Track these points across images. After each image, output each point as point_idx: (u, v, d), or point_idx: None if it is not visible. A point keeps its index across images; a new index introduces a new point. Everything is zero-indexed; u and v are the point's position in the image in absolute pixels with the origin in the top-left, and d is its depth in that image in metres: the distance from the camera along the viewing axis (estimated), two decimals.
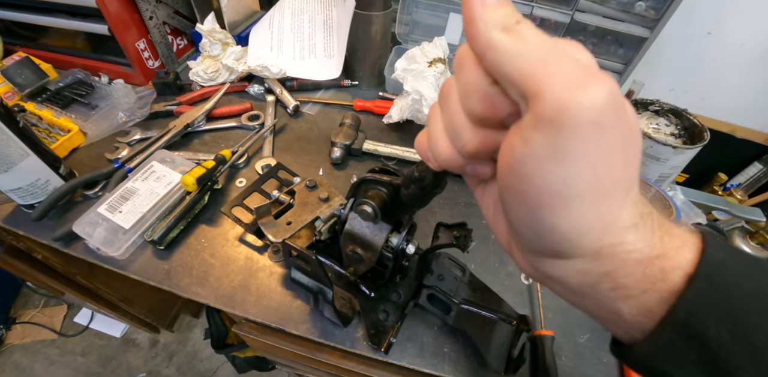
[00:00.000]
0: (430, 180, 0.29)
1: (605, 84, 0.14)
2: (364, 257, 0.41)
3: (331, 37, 0.84)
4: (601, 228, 0.17)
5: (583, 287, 0.20)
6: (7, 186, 0.56)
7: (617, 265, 0.18)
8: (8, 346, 1.45)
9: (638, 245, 0.18)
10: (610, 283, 0.19)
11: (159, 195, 0.57)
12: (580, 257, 0.18)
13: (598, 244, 0.18)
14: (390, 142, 0.70)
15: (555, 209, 0.17)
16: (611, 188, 0.16)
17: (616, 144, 0.16)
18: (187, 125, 0.70)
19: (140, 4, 0.75)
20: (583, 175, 0.16)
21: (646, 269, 0.18)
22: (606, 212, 0.17)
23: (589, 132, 0.15)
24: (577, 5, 0.79)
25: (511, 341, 0.46)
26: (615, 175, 0.16)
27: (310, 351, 0.54)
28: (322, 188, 0.49)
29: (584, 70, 0.15)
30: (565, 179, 0.16)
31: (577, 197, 0.16)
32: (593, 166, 0.15)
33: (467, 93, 0.18)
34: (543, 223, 0.17)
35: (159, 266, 0.53)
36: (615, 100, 0.15)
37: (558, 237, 0.18)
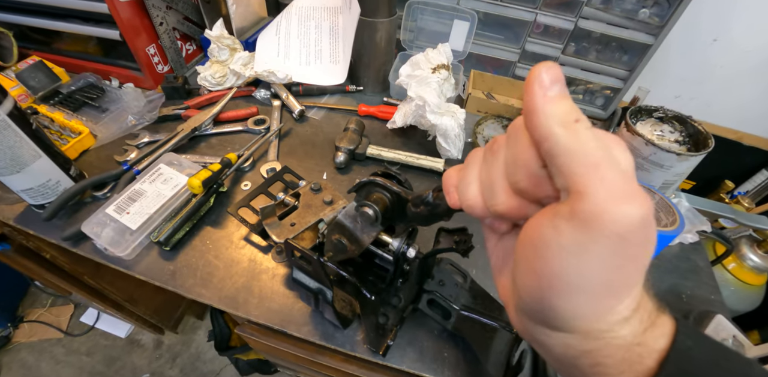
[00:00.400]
0: (443, 209, 0.29)
1: (643, 205, 0.16)
2: (348, 248, 0.41)
3: (336, 44, 0.85)
4: (595, 316, 0.19)
5: (566, 357, 0.21)
6: (19, 186, 0.57)
7: (600, 346, 0.19)
8: (15, 344, 1.47)
9: (624, 334, 0.19)
10: (590, 360, 0.20)
11: (166, 197, 0.59)
12: (570, 333, 0.20)
13: (590, 327, 0.19)
14: (394, 147, 0.71)
15: (562, 293, 0.18)
16: (617, 288, 0.18)
17: (634, 255, 0.17)
18: (195, 128, 0.71)
19: (151, 11, 0.77)
20: (596, 274, 0.17)
21: (626, 354, 0.19)
22: (604, 304, 0.19)
23: (615, 242, 0.16)
24: (581, 12, 0.80)
25: (510, 348, 0.46)
26: (624, 278, 0.18)
27: (311, 354, 0.55)
28: (326, 191, 0.50)
29: (630, 187, 0.16)
30: (579, 273, 0.17)
31: (584, 289, 0.18)
32: (608, 269, 0.17)
33: (516, 165, 0.20)
34: (547, 300, 0.19)
35: (164, 266, 0.54)
36: (645, 221, 0.16)
37: (556, 315, 0.19)
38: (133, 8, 0.74)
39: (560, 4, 0.80)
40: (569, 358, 0.21)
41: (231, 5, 0.82)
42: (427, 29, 0.87)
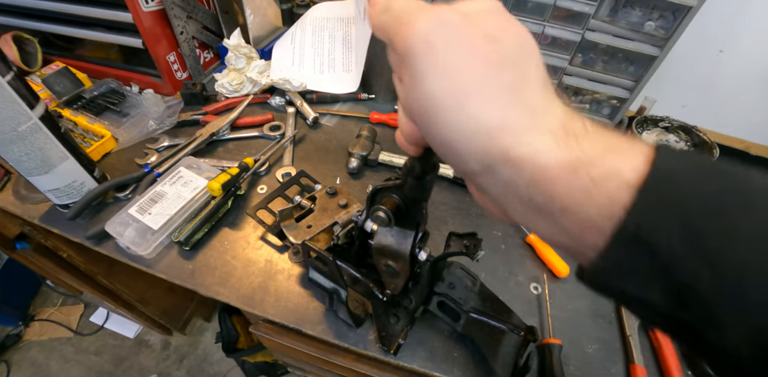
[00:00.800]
0: (419, 167, 0.31)
1: (432, 13, 0.19)
2: (397, 268, 0.42)
3: (349, 53, 0.88)
4: (484, 130, 0.18)
5: (522, 203, 0.19)
6: (46, 186, 0.59)
7: (535, 170, 0.18)
8: (26, 342, 1.49)
9: (548, 147, 0.18)
10: (541, 195, 0.18)
11: (186, 199, 0.61)
12: (492, 163, 0.19)
13: (495, 146, 0.18)
14: (404, 154, 0.73)
15: (434, 122, 0.19)
16: (474, 91, 0.18)
17: (459, 54, 0.18)
18: (213, 133, 0.73)
19: (173, 20, 0.80)
20: (438, 86, 0.18)
21: (572, 177, 0.17)
22: (481, 114, 0.18)
23: (424, 51, 0.18)
24: (587, 25, 0.82)
25: (518, 350, 0.47)
26: (471, 78, 0.18)
27: (323, 353, 0.56)
28: (341, 195, 0.52)
29: (416, 8, 0.19)
30: (428, 94, 0.19)
31: (442, 106, 0.18)
32: (441, 76, 0.18)
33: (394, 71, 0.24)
34: (438, 138, 0.20)
35: (184, 265, 0.56)
36: (442, 21, 0.18)
37: (452, 147, 0.19)
38: (156, 18, 0.78)
39: (567, 16, 0.82)
40: (524, 200, 0.19)
41: (249, 15, 0.85)
42: None
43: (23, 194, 0.68)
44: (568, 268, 0.58)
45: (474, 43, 0.18)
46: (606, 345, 0.52)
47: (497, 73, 0.18)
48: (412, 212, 0.41)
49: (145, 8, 0.74)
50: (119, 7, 0.74)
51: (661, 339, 0.53)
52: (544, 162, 0.18)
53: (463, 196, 0.68)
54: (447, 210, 0.66)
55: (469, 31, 0.18)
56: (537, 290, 0.57)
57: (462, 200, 0.68)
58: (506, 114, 0.18)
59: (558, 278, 0.59)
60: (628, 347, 0.52)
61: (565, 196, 0.18)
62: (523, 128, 0.18)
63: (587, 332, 0.53)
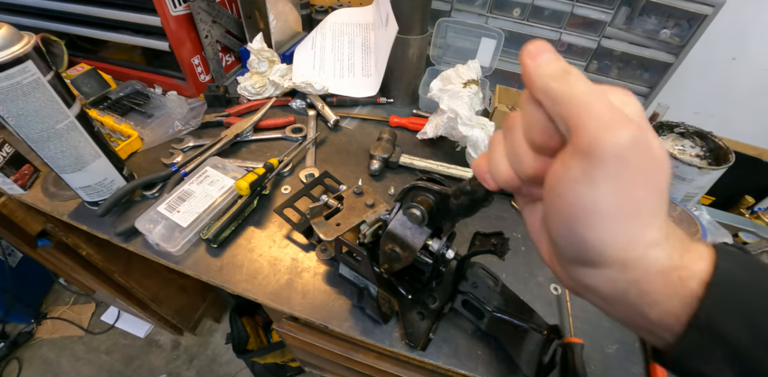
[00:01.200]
0: (481, 194, 0.32)
1: (631, 128, 0.18)
2: (402, 256, 0.44)
3: (369, 58, 0.90)
4: (623, 242, 0.20)
5: (614, 294, 0.22)
6: (78, 184, 0.61)
7: (641, 274, 0.21)
8: (37, 340, 1.50)
9: (660, 258, 0.21)
10: (636, 290, 0.21)
11: (213, 198, 0.62)
12: (608, 266, 0.21)
13: (623, 255, 0.21)
14: (424, 156, 0.74)
15: (584, 222, 0.20)
16: (632, 209, 0.20)
17: (638, 175, 0.19)
18: (237, 134, 0.75)
19: (198, 25, 0.82)
20: (607, 196, 0.19)
21: (666, 279, 0.21)
22: (628, 229, 0.20)
23: (613, 164, 0.19)
24: (603, 32, 0.83)
25: (542, 348, 0.48)
26: (636, 199, 0.20)
27: (346, 351, 0.57)
28: (368, 195, 0.53)
29: (618, 115, 0.19)
30: (592, 199, 0.20)
31: (601, 213, 0.20)
32: (618, 192, 0.19)
33: (530, 126, 0.23)
34: (575, 234, 0.21)
35: (212, 263, 0.58)
36: (638, 142, 0.19)
37: (587, 246, 0.21)
38: (183, 22, 0.80)
39: (584, 24, 0.84)
40: (618, 294, 0.22)
41: (272, 21, 0.87)
42: (455, 46, 0.91)
43: (52, 191, 0.70)
44: None
45: (652, 171, 0.20)
46: (626, 345, 0.53)
47: (655, 201, 0.20)
48: (441, 218, 0.42)
49: (173, 12, 0.76)
50: (148, 11, 0.76)
51: None
52: (653, 269, 0.21)
53: None
54: None
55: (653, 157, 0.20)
56: (557, 290, 0.58)
57: None
58: (644, 232, 0.21)
59: None
60: (648, 348, 0.53)
61: (657, 292, 0.21)
62: (650, 244, 0.21)
63: (607, 332, 0.54)
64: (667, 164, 0.21)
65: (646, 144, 0.19)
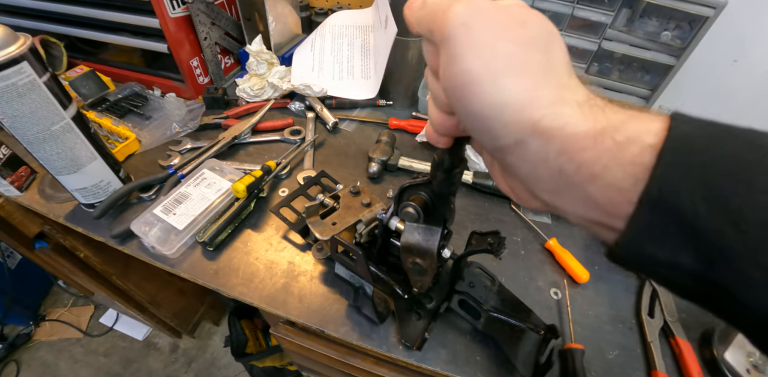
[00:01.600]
0: (448, 160, 0.32)
1: (460, 3, 0.21)
2: (425, 266, 0.43)
3: (368, 60, 0.90)
4: (516, 103, 0.19)
5: (551, 174, 0.20)
6: (74, 186, 0.61)
7: (564, 140, 0.19)
8: (35, 342, 1.50)
9: (575, 116, 0.19)
10: (570, 163, 0.19)
11: (210, 200, 0.62)
12: (523, 137, 0.20)
13: (526, 118, 0.19)
14: (423, 159, 0.74)
15: (468, 95, 0.21)
16: (505, 66, 0.20)
17: (494, 33, 0.20)
18: (235, 136, 0.75)
19: (197, 26, 0.82)
20: (474, 63, 0.20)
21: (599, 143, 0.18)
22: (514, 86, 0.19)
23: (461, 32, 0.20)
24: (604, 34, 0.83)
25: (539, 349, 0.47)
26: (504, 56, 0.20)
27: (343, 356, 0.57)
28: (364, 194, 0.53)
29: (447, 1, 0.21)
30: (464, 71, 0.20)
31: (477, 80, 0.20)
32: (478, 54, 0.20)
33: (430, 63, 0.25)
34: (471, 111, 0.21)
35: (208, 266, 0.57)
36: (476, 6, 0.21)
37: (485, 119, 0.21)
38: (181, 24, 0.80)
39: (584, 26, 0.83)
40: (554, 174, 0.20)
41: (271, 23, 0.87)
42: None
43: (48, 193, 0.69)
44: (587, 274, 0.58)
45: (506, 26, 0.20)
46: (627, 351, 0.52)
47: (528, 53, 0.20)
48: (439, 208, 0.41)
49: (172, 14, 0.76)
50: (147, 13, 0.76)
51: (682, 345, 0.53)
52: (573, 131, 0.19)
53: (482, 201, 0.69)
54: (466, 215, 0.66)
55: (501, 16, 0.20)
56: (557, 295, 0.57)
57: (481, 205, 0.68)
58: (537, 89, 0.20)
59: (578, 284, 0.59)
60: (650, 353, 0.52)
61: (592, 162, 0.18)
62: (552, 101, 0.19)
63: (608, 338, 0.53)
64: (533, 18, 0.21)
65: (486, 4, 0.21)
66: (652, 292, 0.59)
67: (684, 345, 0.53)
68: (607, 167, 0.18)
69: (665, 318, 0.56)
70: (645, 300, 0.57)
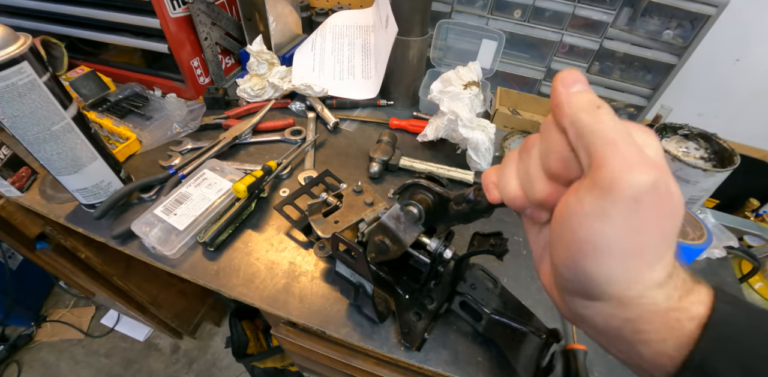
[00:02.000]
0: (484, 205, 0.32)
1: (653, 173, 0.19)
2: (390, 249, 0.43)
3: (368, 60, 0.89)
4: (625, 280, 0.20)
5: (609, 328, 0.22)
6: (75, 186, 0.61)
7: (639, 313, 0.21)
8: (37, 343, 1.50)
9: (659, 299, 0.21)
10: (631, 328, 0.21)
11: (210, 200, 0.62)
12: (607, 301, 0.21)
13: (623, 293, 0.21)
14: (424, 159, 0.74)
15: (591, 256, 0.20)
16: (640, 250, 0.20)
17: (651, 219, 0.19)
18: (236, 137, 0.75)
19: (198, 26, 0.82)
20: (619, 236, 0.19)
21: (664, 320, 0.21)
22: (632, 269, 0.20)
23: (630, 205, 0.19)
24: (606, 33, 0.83)
25: (540, 353, 0.47)
26: (645, 241, 0.20)
27: (344, 357, 0.56)
28: (367, 193, 0.53)
29: (642, 157, 0.19)
30: (603, 236, 0.20)
31: (608, 250, 0.20)
32: (629, 231, 0.19)
33: (549, 152, 0.23)
34: (580, 267, 0.21)
35: (208, 266, 0.57)
36: (658, 186, 0.19)
37: (590, 281, 0.21)
38: (182, 24, 0.80)
39: (586, 25, 0.83)
40: (612, 329, 0.22)
41: (271, 23, 0.87)
42: (455, 48, 0.91)
43: (49, 193, 0.69)
44: None
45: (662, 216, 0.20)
46: None
47: (662, 245, 0.20)
48: (437, 220, 0.41)
49: (173, 15, 0.76)
50: (147, 13, 0.76)
51: None
52: (651, 309, 0.21)
53: None
54: None
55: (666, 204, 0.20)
56: None
57: None
58: (649, 273, 0.21)
59: None
60: None
61: (652, 333, 0.21)
62: (652, 285, 0.21)
63: None
64: (682, 212, 0.21)
65: (665, 189, 0.19)
66: None
67: None
68: (664, 340, 0.21)
69: None
70: None
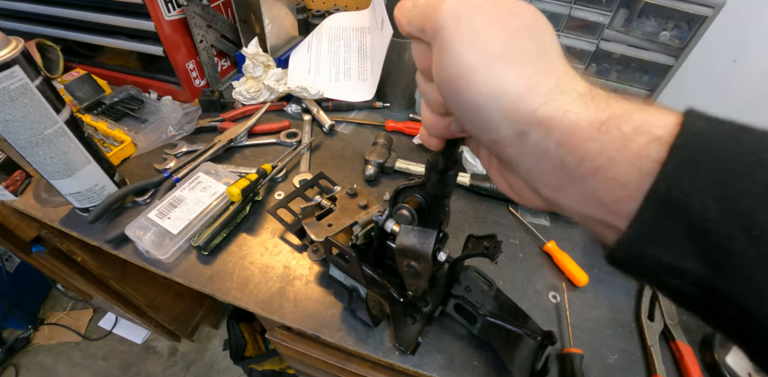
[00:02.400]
0: (442, 162, 0.32)
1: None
2: (419, 268, 0.42)
3: (365, 62, 0.89)
4: (513, 91, 0.19)
5: (553, 169, 0.19)
6: (68, 190, 0.60)
7: (565, 129, 0.18)
8: (34, 346, 1.49)
9: (576, 104, 0.18)
10: (572, 155, 0.18)
11: (205, 204, 0.61)
12: (522, 127, 0.19)
13: (524, 107, 0.18)
14: (420, 161, 0.73)
15: (463, 86, 0.20)
16: (498, 53, 0.19)
17: (485, 24, 0.20)
18: (231, 140, 0.74)
19: (193, 29, 0.81)
20: (467, 52, 0.20)
21: (603, 133, 0.17)
22: (508, 74, 0.19)
23: (453, 23, 0.20)
24: (602, 35, 0.82)
25: (535, 355, 0.47)
26: (498, 44, 0.20)
27: (339, 361, 0.56)
28: (361, 196, 0.53)
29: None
30: (457, 62, 0.20)
31: (472, 70, 0.20)
32: (468, 44, 0.20)
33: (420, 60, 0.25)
34: (466, 103, 0.20)
35: (202, 270, 0.57)
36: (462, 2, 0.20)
37: (482, 110, 0.20)
38: (177, 27, 0.79)
39: (582, 26, 0.83)
40: (555, 165, 0.19)
41: (267, 25, 0.87)
42: None
43: (43, 197, 0.69)
44: (587, 277, 0.58)
45: (498, 16, 0.20)
46: (627, 355, 0.52)
47: (521, 41, 0.20)
48: (434, 211, 0.41)
49: (167, 17, 0.76)
50: (142, 16, 0.76)
51: (682, 348, 0.52)
52: (575, 120, 0.18)
53: (479, 204, 0.68)
54: (463, 218, 0.66)
55: (491, 7, 0.20)
56: (556, 298, 0.57)
57: (478, 208, 0.68)
58: (533, 77, 0.19)
59: (577, 287, 0.58)
60: (650, 357, 0.51)
61: (596, 154, 0.17)
62: (551, 89, 0.19)
63: (608, 342, 0.53)
64: (523, 8, 0.21)
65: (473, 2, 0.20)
66: (652, 295, 0.58)
67: (684, 349, 0.52)
68: (612, 160, 0.17)
69: (665, 321, 0.55)
70: (645, 303, 0.57)
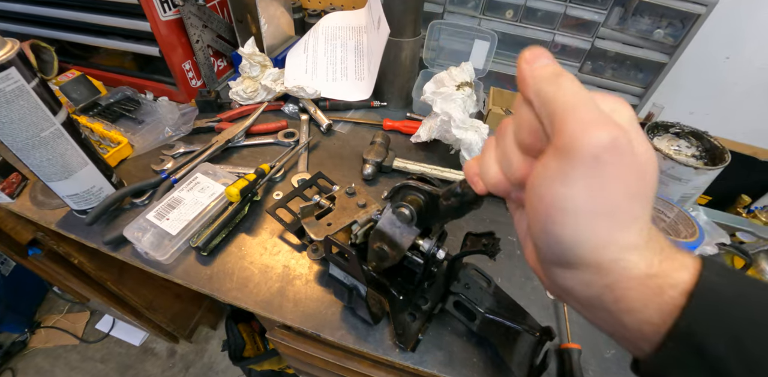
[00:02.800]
0: (471, 197, 0.32)
1: (612, 131, 0.18)
2: (390, 254, 0.43)
3: (361, 61, 0.89)
4: (596, 242, 0.20)
5: (590, 298, 0.22)
6: (65, 192, 0.60)
7: (616, 278, 0.20)
8: (31, 350, 1.48)
9: (637, 263, 0.20)
10: (611, 296, 0.21)
11: (203, 205, 0.61)
12: (583, 268, 0.21)
13: (596, 257, 0.20)
14: (418, 160, 0.74)
15: (559, 220, 0.20)
16: (607, 211, 0.20)
17: (614, 177, 0.19)
18: (228, 140, 0.74)
19: (189, 29, 0.81)
20: (580, 196, 0.19)
21: (644, 285, 0.20)
22: (602, 230, 0.20)
23: (589, 163, 0.19)
24: (597, 33, 0.83)
25: (534, 351, 0.47)
26: (612, 201, 0.19)
27: (339, 359, 0.56)
28: (360, 195, 0.53)
29: (600, 118, 0.19)
30: (567, 197, 0.20)
31: (574, 212, 0.20)
32: (589, 190, 0.19)
33: (520, 127, 0.23)
34: (551, 233, 0.21)
35: (202, 271, 0.57)
36: (617, 144, 0.18)
37: (561, 245, 0.21)
38: (173, 27, 0.79)
39: (577, 25, 0.84)
40: (593, 298, 0.22)
41: (263, 25, 0.87)
42: (448, 48, 0.91)
43: (40, 199, 0.69)
44: None
45: (629, 176, 0.20)
46: (624, 350, 0.52)
47: (631, 206, 0.20)
48: (431, 219, 0.41)
49: (163, 17, 0.76)
50: (137, 16, 0.76)
51: None
52: (629, 274, 0.20)
53: None
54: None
55: (631, 164, 0.19)
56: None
57: None
58: (618, 232, 0.20)
59: None
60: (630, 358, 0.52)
61: (632, 300, 0.20)
62: (626, 247, 0.20)
63: (605, 337, 0.53)
64: (653, 169, 0.20)
65: (627, 147, 0.19)
66: None
67: None
68: (646, 306, 0.20)
69: None
70: None
